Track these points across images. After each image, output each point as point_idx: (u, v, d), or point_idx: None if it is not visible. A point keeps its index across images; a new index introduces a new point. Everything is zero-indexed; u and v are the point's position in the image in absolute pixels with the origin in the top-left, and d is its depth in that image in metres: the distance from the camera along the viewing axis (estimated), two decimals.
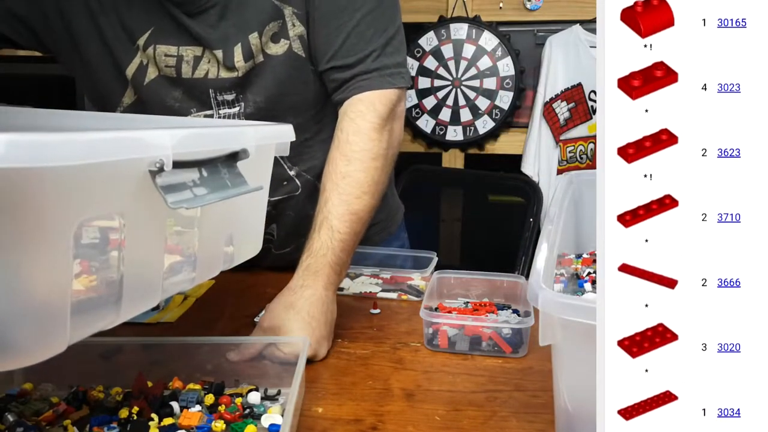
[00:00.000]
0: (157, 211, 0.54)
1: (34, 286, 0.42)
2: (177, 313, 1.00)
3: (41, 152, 0.38)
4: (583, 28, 2.20)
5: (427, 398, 0.74)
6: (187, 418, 0.64)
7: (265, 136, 0.70)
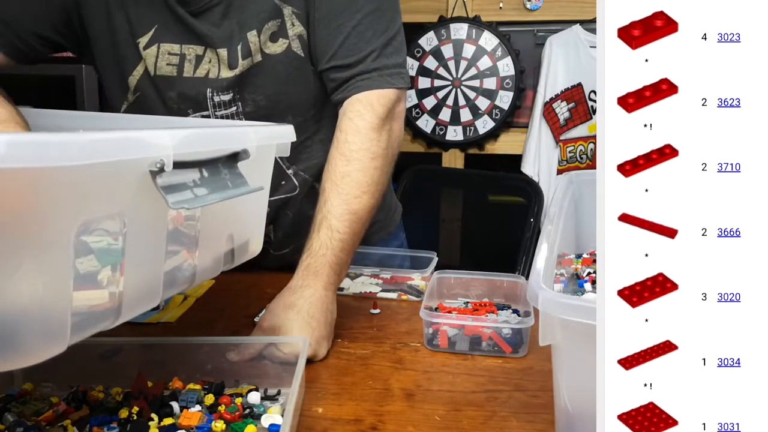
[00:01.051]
0: (157, 211, 0.54)
1: (34, 286, 0.42)
2: (177, 313, 1.00)
3: (42, 152, 0.38)
4: (583, 28, 2.20)
5: (427, 398, 0.74)
6: (187, 418, 0.64)
7: (266, 136, 0.71)
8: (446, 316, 0.90)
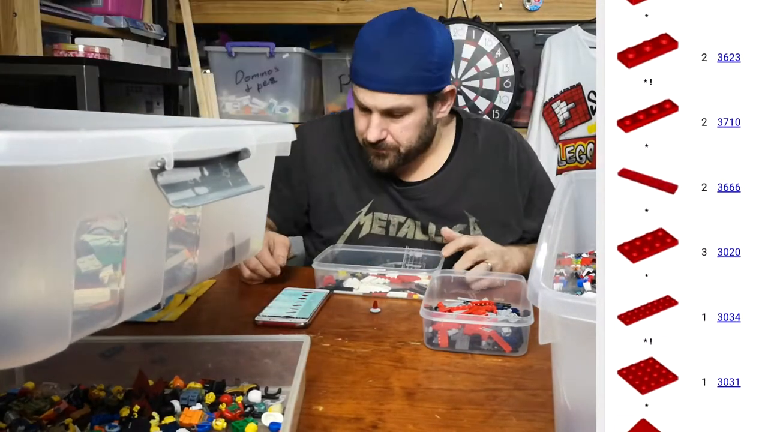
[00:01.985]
0: (158, 210, 0.54)
1: (35, 284, 0.42)
2: (178, 312, 1.00)
3: (43, 151, 0.38)
4: (582, 28, 2.20)
5: (427, 397, 0.74)
6: (188, 416, 0.64)
7: (266, 135, 0.71)
8: (446, 315, 0.90)
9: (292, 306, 1.02)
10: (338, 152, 1.42)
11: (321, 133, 1.44)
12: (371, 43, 1.26)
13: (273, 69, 2.31)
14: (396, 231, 1.37)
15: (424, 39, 1.25)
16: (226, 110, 2.36)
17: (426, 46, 1.24)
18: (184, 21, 2.34)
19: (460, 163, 1.40)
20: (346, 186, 1.40)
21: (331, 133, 1.44)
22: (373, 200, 1.38)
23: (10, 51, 1.78)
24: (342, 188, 1.40)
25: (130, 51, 2.07)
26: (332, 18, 2.37)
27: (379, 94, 1.24)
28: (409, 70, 1.23)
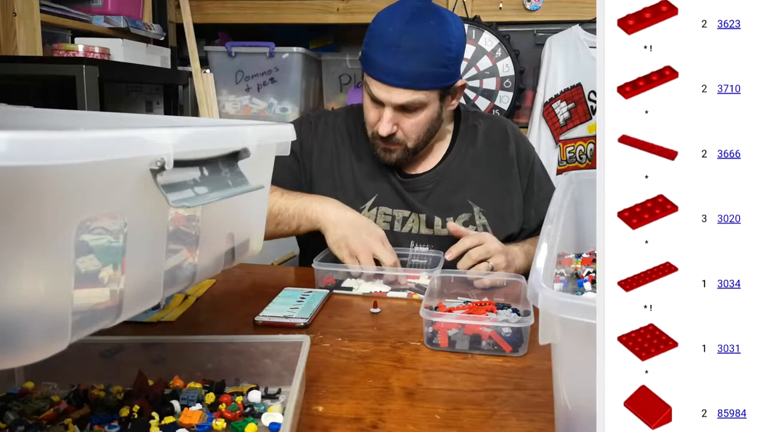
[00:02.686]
0: (158, 210, 0.54)
1: (35, 284, 0.42)
2: (177, 312, 1.00)
3: (43, 150, 0.38)
4: (582, 28, 2.20)
5: (427, 397, 0.74)
6: (187, 416, 0.64)
7: (266, 135, 0.71)
8: (446, 315, 0.90)
9: (292, 306, 1.02)
10: (342, 147, 1.42)
11: (330, 127, 1.43)
12: (389, 33, 1.21)
13: (273, 69, 2.31)
14: (401, 226, 1.37)
15: (442, 33, 1.22)
16: (225, 110, 2.36)
17: (444, 41, 1.22)
18: (184, 21, 2.34)
19: (461, 153, 1.41)
20: (350, 181, 1.39)
21: (340, 128, 1.43)
22: (377, 195, 1.37)
23: (10, 51, 1.78)
24: (346, 184, 1.39)
25: (129, 51, 2.07)
26: (332, 18, 2.37)
27: (395, 90, 1.22)
28: (427, 66, 1.21)
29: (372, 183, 1.38)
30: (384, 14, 1.26)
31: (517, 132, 1.48)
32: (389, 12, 1.26)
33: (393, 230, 1.37)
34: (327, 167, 1.40)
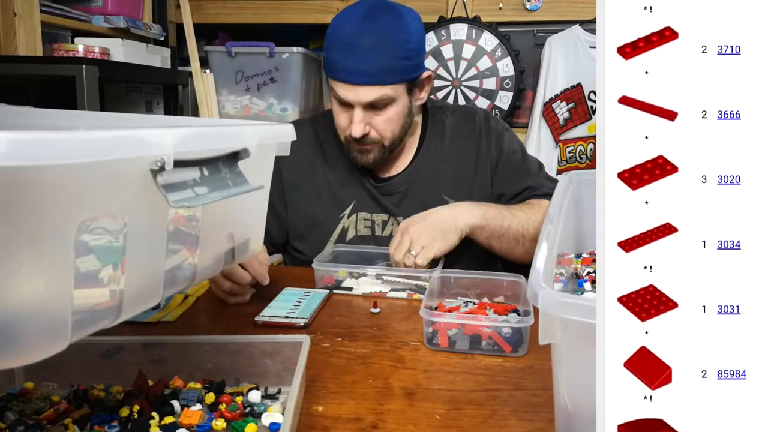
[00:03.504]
0: (158, 210, 0.54)
1: (35, 284, 0.42)
2: (177, 313, 1.00)
3: (43, 151, 0.38)
4: (582, 28, 2.20)
5: (427, 397, 0.74)
6: (187, 416, 0.64)
7: (266, 135, 0.71)
8: (446, 315, 0.90)
9: (292, 306, 1.02)
10: (313, 158, 1.40)
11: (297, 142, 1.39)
12: (346, 34, 1.22)
13: (273, 69, 2.31)
14: (382, 230, 1.36)
15: (399, 26, 1.23)
16: (225, 110, 2.36)
17: (402, 33, 1.23)
18: (184, 21, 2.34)
19: (431, 150, 1.39)
20: (325, 191, 1.38)
21: (304, 141, 1.39)
22: (355, 201, 1.37)
23: (10, 51, 1.78)
24: (321, 194, 1.38)
25: (129, 51, 2.07)
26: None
27: (361, 88, 1.22)
28: (389, 60, 1.21)
29: (347, 189, 1.37)
30: (340, 17, 1.27)
31: (484, 117, 1.43)
32: (345, 14, 1.27)
33: (375, 235, 1.37)
34: (299, 179, 1.38)
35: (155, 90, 2.36)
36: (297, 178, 1.38)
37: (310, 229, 1.38)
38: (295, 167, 1.38)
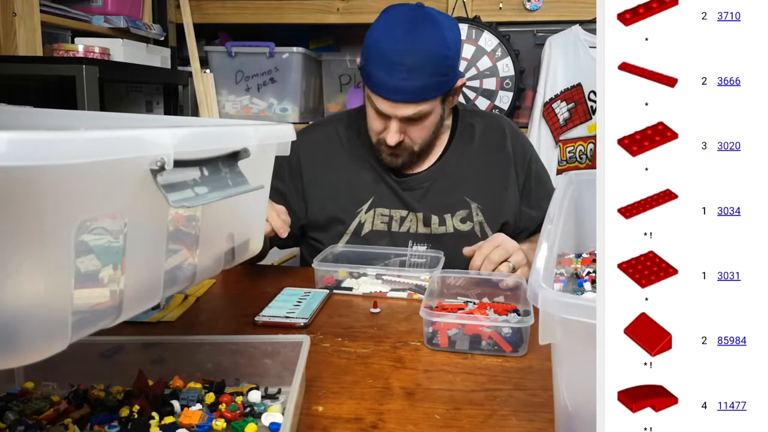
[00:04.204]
0: (158, 210, 0.54)
1: (35, 284, 0.42)
2: (177, 313, 1.00)
3: (43, 151, 0.38)
4: (582, 28, 2.20)
5: (427, 397, 0.74)
6: (187, 416, 0.64)
7: (266, 135, 0.71)
8: (446, 315, 0.90)
9: (292, 306, 1.02)
10: (333, 156, 1.42)
11: (318, 141, 1.44)
12: (387, 51, 1.22)
13: (273, 69, 2.31)
14: (399, 226, 1.37)
15: (439, 41, 1.23)
16: (225, 110, 2.36)
17: (442, 49, 1.24)
18: (184, 21, 2.34)
19: (458, 151, 1.42)
20: (345, 187, 1.39)
21: (324, 141, 1.43)
22: (374, 197, 1.38)
23: (10, 51, 1.78)
24: (340, 189, 1.39)
25: (129, 51, 2.07)
26: (332, 18, 2.37)
27: (400, 105, 1.25)
28: (429, 78, 1.23)
29: (368, 185, 1.39)
30: (380, 28, 1.26)
31: (514, 130, 1.48)
32: (385, 25, 1.26)
33: (391, 230, 1.38)
34: (319, 177, 1.41)
35: (155, 90, 2.36)
36: (316, 175, 1.41)
37: (328, 223, 1.40)
38: (314, 166, 1.41)
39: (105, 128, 0.47)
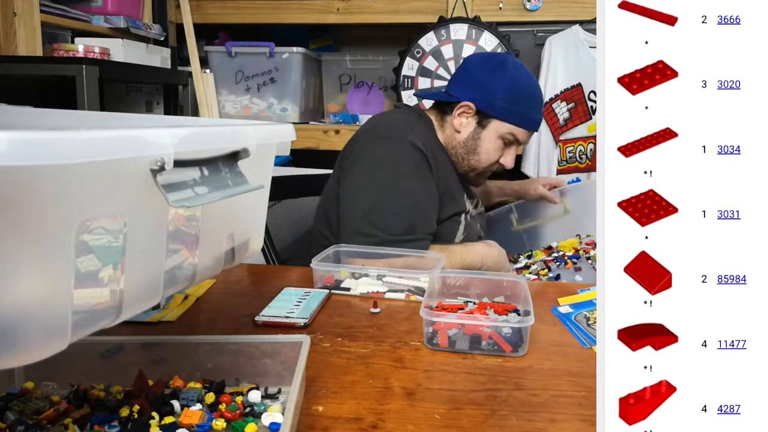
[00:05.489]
0: (158, 209, 0.54)
1: (35, 284, 0.42)
2: (177, 312, 1.00)
3: (43, 150, 0.38)
4: (582, 28, 2.20)
5: (427, 397, 0.74)
6: (187, 416, 0.64)
7: (266, 135, 0.71)
8: (446, 315, 0.90)
9: (292, 306, 1.02)
10: (442, 155, 1.53)
11: (430, 140, 1.51)
12: (538, 91, 1.52)
13: (273, 69, 2.31)
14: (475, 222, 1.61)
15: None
16: (225, 110, 2.36)
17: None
18: (184, 21, 2.34)
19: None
20: (455, 187, 1.52)
21: (432, 138, 1.53)
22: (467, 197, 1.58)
23: (10, 51, 1.78)
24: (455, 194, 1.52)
25: (129, 51, 2.07)
26: (332, 18, 2.37)
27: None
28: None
29: (460, 195, 1.55)
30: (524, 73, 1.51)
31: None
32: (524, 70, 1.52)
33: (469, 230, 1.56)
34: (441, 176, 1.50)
35: (155, 90, 2.36)
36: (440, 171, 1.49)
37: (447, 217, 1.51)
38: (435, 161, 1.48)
39: (105, 128, 0.47)
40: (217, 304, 1.06)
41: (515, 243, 1.82)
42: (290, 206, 1.85)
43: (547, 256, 1.69)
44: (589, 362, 0.85)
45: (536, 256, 1.71)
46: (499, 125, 1.49)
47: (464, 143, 1.52)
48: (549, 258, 1.67)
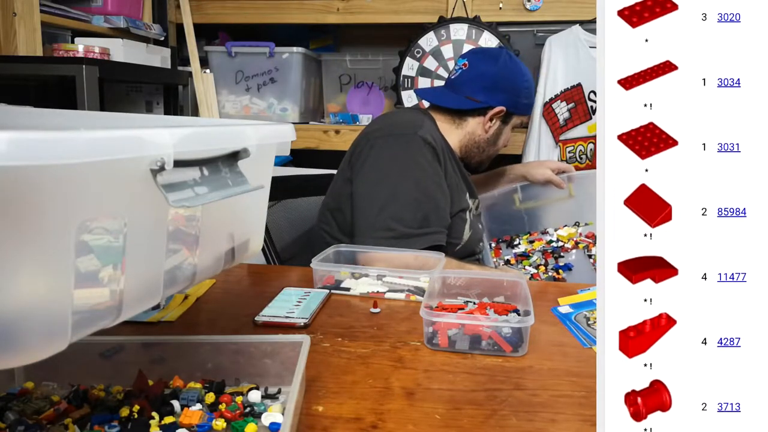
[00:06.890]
0: (158, 209, 0.54)
1: (35, 284, 0.42)
2: (177, 312, 1.00)
3: (43, 150, 0.38)
4: (582, 28, 2.20)
5: (427, 397, 0.74)
6: (187, 416, 0.64)
7: (266, 135, 0.71)
8: (446, 315, 0.90)
9: (292, 306, 1.02)
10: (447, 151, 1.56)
11: (437, 137, 1.53)
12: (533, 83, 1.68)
13: (273, 69, 2.31)
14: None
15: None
16: (225, 110, 2.36)
17: None
18: (184, 21, 2.34)
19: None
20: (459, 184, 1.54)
21: (438, 135, 1.54)
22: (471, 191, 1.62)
23: (10, 51, 1.78)
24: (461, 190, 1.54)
25: (129, 51, 2.07)
26: (332, 18, 2.37)
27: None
28: None
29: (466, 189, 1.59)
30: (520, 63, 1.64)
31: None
32: (517, 58, 1.65)
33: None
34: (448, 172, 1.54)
35: (155, 90, 2.36)
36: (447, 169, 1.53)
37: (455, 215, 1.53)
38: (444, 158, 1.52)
39: (105, 128, 0.47)
40: (217, 304, 1.06)
41: (516, 222, 1.83)
42: (290, 206, 1.85)
43: (547, 246, 1.70)
44: (589, 362, 0.85)
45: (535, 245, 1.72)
46: (516, 118, 1.67)
47: (488, 139, 1.65)
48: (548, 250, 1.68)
